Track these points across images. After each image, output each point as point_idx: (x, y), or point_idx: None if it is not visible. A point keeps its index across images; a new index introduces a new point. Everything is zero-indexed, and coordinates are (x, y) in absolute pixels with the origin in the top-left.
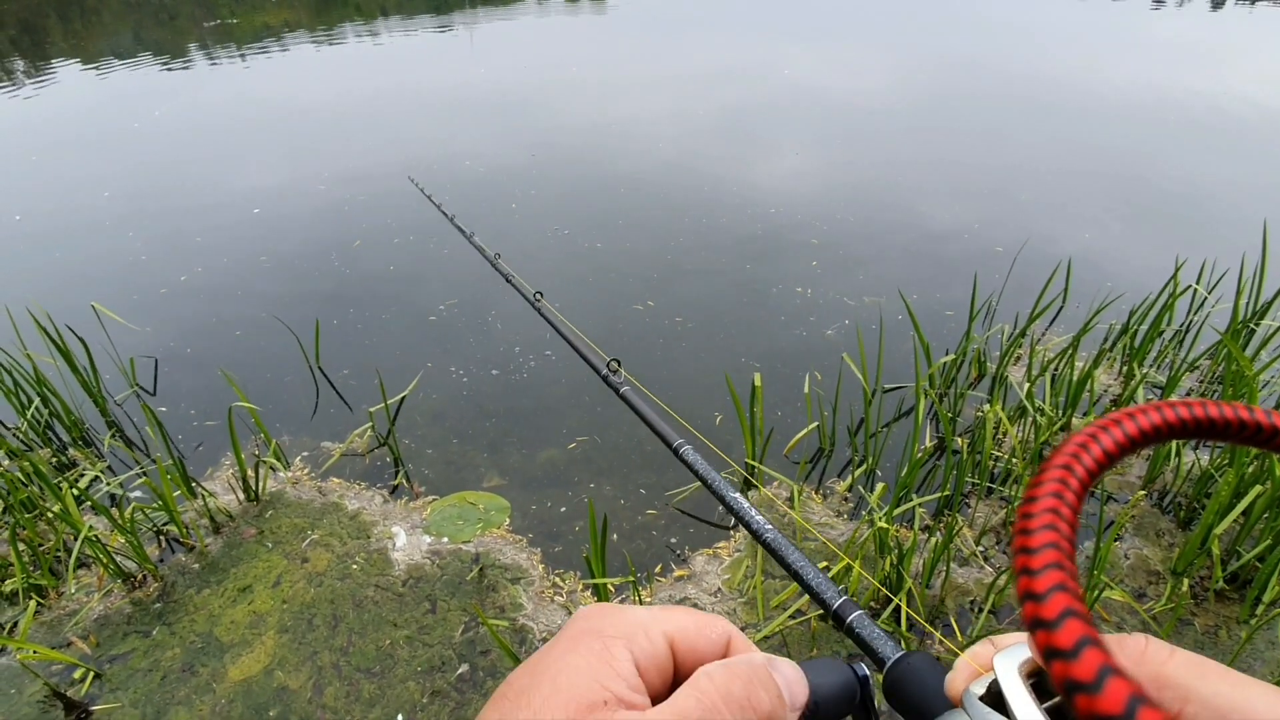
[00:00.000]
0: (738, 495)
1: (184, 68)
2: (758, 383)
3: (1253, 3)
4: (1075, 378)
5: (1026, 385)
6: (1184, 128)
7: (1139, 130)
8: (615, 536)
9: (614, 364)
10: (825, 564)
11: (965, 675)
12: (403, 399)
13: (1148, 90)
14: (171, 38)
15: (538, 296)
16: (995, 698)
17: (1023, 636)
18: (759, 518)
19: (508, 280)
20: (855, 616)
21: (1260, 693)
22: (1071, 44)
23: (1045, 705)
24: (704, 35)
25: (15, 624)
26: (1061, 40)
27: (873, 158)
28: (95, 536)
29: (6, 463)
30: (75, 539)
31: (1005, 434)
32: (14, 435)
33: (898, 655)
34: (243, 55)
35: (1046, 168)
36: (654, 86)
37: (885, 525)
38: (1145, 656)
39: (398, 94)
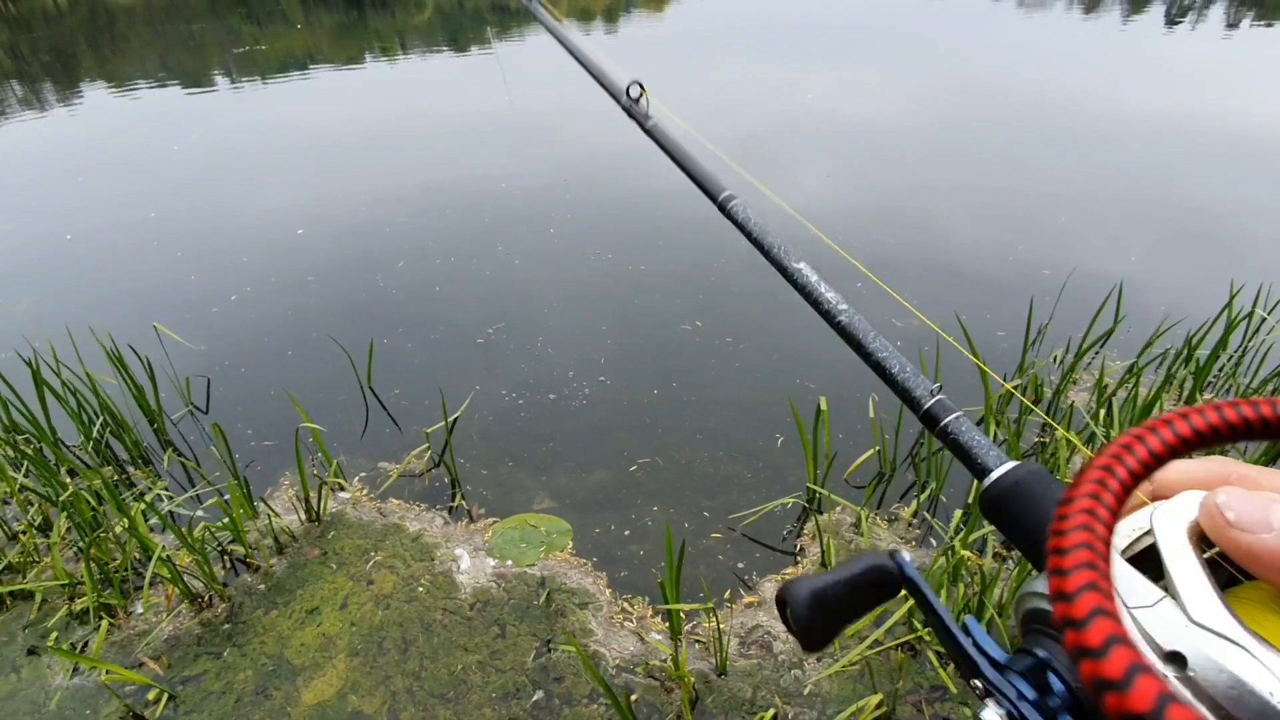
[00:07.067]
0: (803, 266)
1: (216, 93)
2: (823, 406)
3: (1269, 24)
4: (1139, 402)
5: (1095, 407)
6: (1218, 152)
7: (1174, 153)
8: (673, 563)
9: (635, 88)
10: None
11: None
12: (455, 420)
13: (1178, 115)
14: (201, 64)
15: None
16: (1137, 555)
17: (1191, 492)
18: (830, 295)
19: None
20: (952, 419)
21: None
22: (1093, 67)
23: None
24: (723, 56)
25: (85, 644)
26: (1083, 64)
27: (907, 181)
28: (168, 556)
29: (69, 481)
30: (143, 558)
31: (1072, 456)
32: (73, 454)
33: (1005, 467)
34: (274, 80)
35: (1082, 192)
36: (675, 107)
37: (965, 553)
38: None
39: (426, 118)
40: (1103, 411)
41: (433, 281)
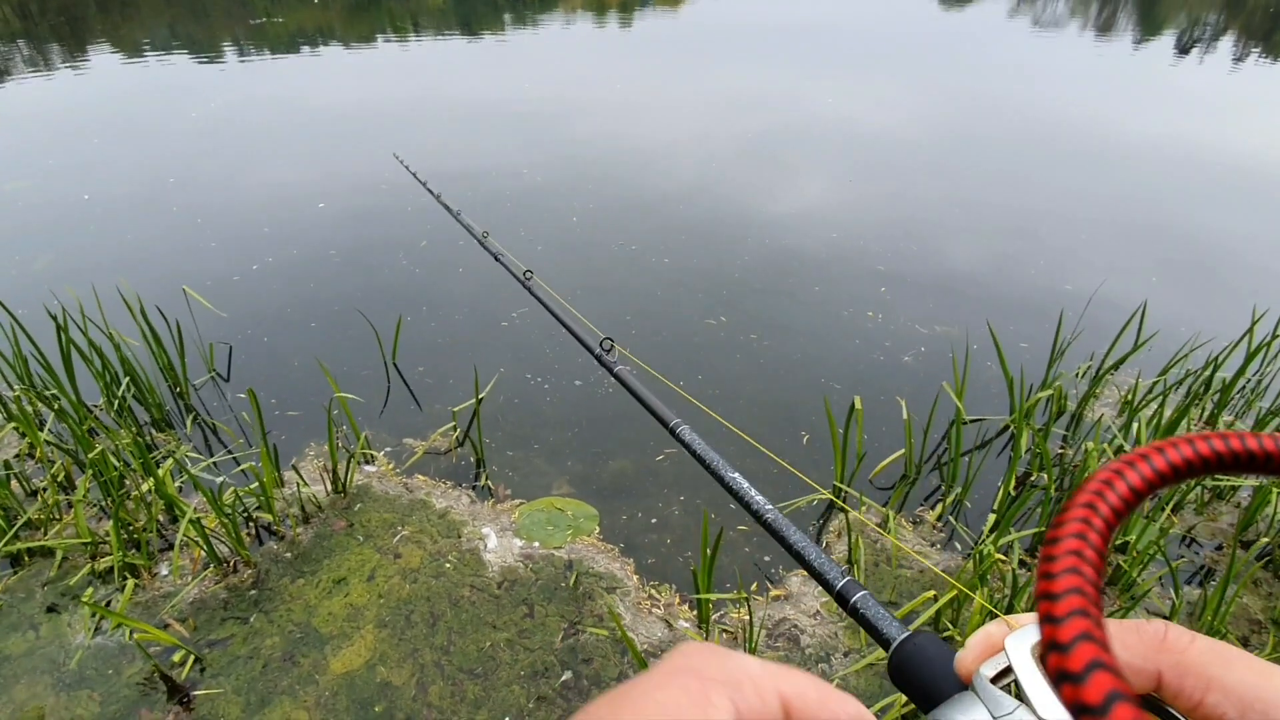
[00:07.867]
0: (737, 475)
1: (233, 63)
2: (858, 405)
3: (1274, 60)
4: (1164, 421)
5: (1125, 420)
6: (1238, 183)
7: (1194, 182)
8: (707, 551)
9: (608, 342)
10: (933, 593)
11: (976, 654)
12: (480, 400)
13: (1202, 146)
14: (215, 35)
15: (528, 275)
16: (1009, 680)
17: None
18: (759, 498)
19: (497, 259)
20: (859, 597)
21: None
22: (1110, 92)
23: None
24: (738, 63)
25: (109, 603)
26: (1100, 89)
27: (929, 193)
28: (198, 519)
29: (91, 440)
30: (168, 520)
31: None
32: (94, 414)
33: (903, 635)
34: (291, 54)
35: (1102, 213)
36: (694, 110)
37: (997, 555)
38: (1165, 644)
39: (444, 102)
40: (1135, 426)
41: (455, 263)
